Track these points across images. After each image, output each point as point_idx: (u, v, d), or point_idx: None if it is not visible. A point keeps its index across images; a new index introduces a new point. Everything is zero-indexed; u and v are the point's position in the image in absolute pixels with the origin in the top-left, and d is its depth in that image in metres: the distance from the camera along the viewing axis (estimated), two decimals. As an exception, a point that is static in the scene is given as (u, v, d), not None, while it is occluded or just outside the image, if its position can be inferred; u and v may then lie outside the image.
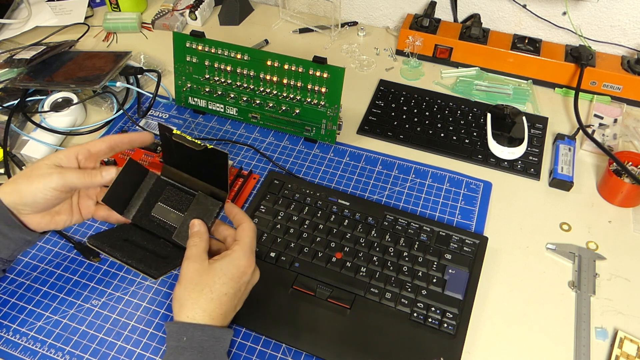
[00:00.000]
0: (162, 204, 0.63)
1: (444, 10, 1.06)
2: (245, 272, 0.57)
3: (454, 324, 0.63)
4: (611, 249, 0.72)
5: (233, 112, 0.89)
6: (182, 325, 0.54)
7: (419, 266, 0.68)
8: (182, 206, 0.63)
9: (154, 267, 0.58)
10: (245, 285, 0.59)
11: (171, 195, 0.63)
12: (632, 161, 0.78)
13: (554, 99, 0.95)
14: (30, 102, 0.90)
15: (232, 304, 0.57)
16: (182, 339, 0.53)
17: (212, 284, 0.55)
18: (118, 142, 0.63)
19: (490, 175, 0.82)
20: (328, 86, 0.80)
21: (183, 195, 0.63)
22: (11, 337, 0.64)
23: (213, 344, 0.54)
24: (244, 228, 0.59)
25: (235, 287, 0.57)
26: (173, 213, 0.62)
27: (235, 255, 0.57)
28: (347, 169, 0.83)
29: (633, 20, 0.94)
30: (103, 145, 0.62)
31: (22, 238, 0.60)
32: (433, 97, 0.94)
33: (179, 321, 0.54)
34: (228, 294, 0.56)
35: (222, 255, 0.58)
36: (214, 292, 0.55)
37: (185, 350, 0.53)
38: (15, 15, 1.09)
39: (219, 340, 0.55)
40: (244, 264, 0.57)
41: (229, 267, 0.56)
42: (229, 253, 0.58)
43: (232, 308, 0.57)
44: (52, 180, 0.57)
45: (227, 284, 0.56)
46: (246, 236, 0.59)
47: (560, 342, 0.64)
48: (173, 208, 0.63)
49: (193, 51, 0.86)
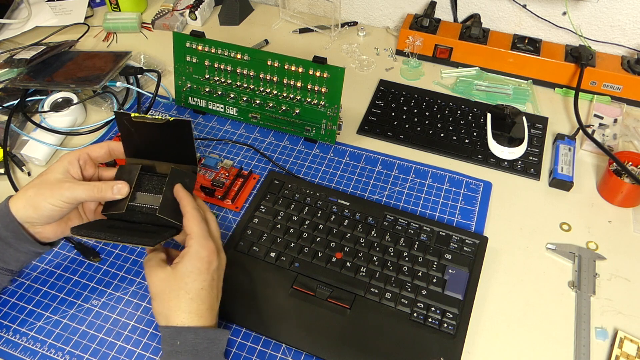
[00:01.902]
0: (138, 191, 0.62)
1: (444, 10, 1.06)
2: (210, 261, 0.57)
3: (454, 324, 0.63)
4: (611, 249, 0.72)
5: (233, 112, 0.89)
6: (175, 329, 0.54)
7: (419, 266, 0.68)
8: (157, 188, 0.62)
9: (147, 237, 0.57)
10: (216, 272, 0.58)
11: (143, 182, 0.63)
12: (632, 161, 0.78)
13: (554, 99, 0.95)
14: (30, 102, 0.90)
15: (211, 295, 0.57)
16: (176, 343, 0.54)
17: (184, 285, 0.55)
18: (115, 148, 0.64)
19: (490, 175, 0.82)
20: (328, 86, 0.80)
21: (155, 179, 0.63)
22: (11, 337, 0.64)
23: (207, 346, 0.54)
24: (188, 219, 0.59)
25: (208, 278, 0.57)
26: (149, 196, 0.62)
27: (193, 250, 0.57)
28: (347, 169, 0.83)
29: (633, 20, 0.94)
30: (102, 151, 0.64)
31: (32, 251, 0.61)
32: (433, 97, 0.94)
33: (172, 325, 0.55)
34: (204, 288, 0.56)
35: (182, 255, 0.58)
36: (190, 292, 0.55)
37: (179, 354, 0.53)
38: (15, 15, 1.09)
39: (213, 341, 0.55)
40: (205, 254, 0.57)
41: (192, 262, 0.56)
42: (186, 250, 0.57)
43: (214, 299, 0.58)
44: (63, 194, 0.58)
45: (198, 279, 0.56)
46: (194, 226, 0.58)
47: (560, 342, 0.64)
48: (148, 192, 0.62)
49: (193, 51, 0.86)
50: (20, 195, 0.59)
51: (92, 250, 0.72)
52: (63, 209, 0.59)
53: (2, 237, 0.59)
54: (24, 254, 0.61)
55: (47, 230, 0.61)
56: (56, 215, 0.60)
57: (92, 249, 0.72)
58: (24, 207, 0.59)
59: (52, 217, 0.60)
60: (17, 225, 0.59)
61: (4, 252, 0.60)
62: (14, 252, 0.60)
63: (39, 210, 0.58)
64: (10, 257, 0.60)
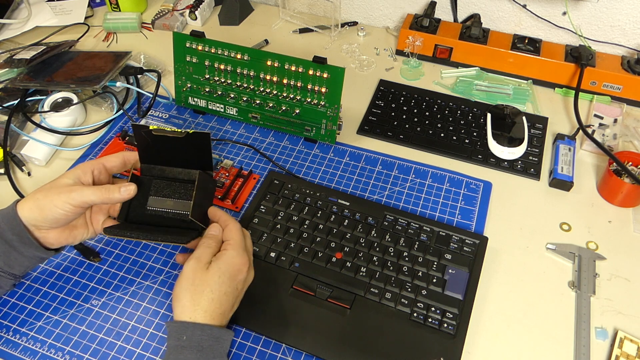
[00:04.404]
0: (155, 196, 0.65)
1: (444, 10, 1.06)
2: (240, 270, 0.59)
3: (454, 324, 0.63)
4: (611, 249, 0.72)
5: (233, 112, 0.89)
6: (182, 324, 0.55)
7: (419, 266, 0.68)
8: (175, 193, 0.65)
9: (177, 236, 0.61)
10: (242, 284, 0.60)
11: (160, 188, 0.65)
12: (632, 161, 0.78)
13: (554, 99, 0.95)
14: (30, 102, 0.90)
15: (230, 303, 0.58)
16: (182, 337, 0.54)
17: (213, 284, 0.56)
18: (130, 157, 0.65)
19: (490, 175, 0.82)
20: (328, 86, 0.80)
21: (172, 184, 0.65)
22: (11, 337, 0.64)
23: (212, 344, 0.55)
24: (231, 229, 0.61)
25: (233, 285, 0.58)
26: (169, 201, 0.64)
27: (229, 254, 0.59)
28: (347, 169, 0.83)
29: (633, 20, 0.94)
30: (117, 161, 0.65)
31: (36, 255, 0.62)
32: (433, 97, 0.94)
33: (179, 320, 0.55)
34: (227, 293, 0.57)
35: (217, 257, 0.59)
36: (214, 292, 0.56)
37: (184, 349, 0.54)
38: (15, 15, 1.09)
39: (219, 340, 0.55)
40: (239, 262, 0.59)
41: (225, 265, 0.58)
42: (223, 253, 0.59)
43: (229, 307, 0.58)
44: (71, 196, 0.59)
45: (226, 282, 0.57)
46: (236, 235, 0.61)
47: (560, 342, 0.64)
48: (167, 197, 0.65)
49: (193, 51, 0.86)
50: (29, 199, 0.60)
51: (92, 250, 0.72)
52: (69, 212, 0.59)
53: (8, 240, 0.59)
54: (28, 258, 0.61)
55: (52, 235, 0.61)
56: (62, 219, 0.60)
57: (92, 249, 0.72)
58: (30, 210, 0.59)
59: (58, 220, 0.60)
60: (23, 228, 0.59)
61: (9, 255, 0.60)
62: (18, 256, 0.60)
63: (45, 212, 0.59)
64: (14, 261, 0.60)
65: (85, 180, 0.62)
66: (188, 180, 0.66)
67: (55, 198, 0.59)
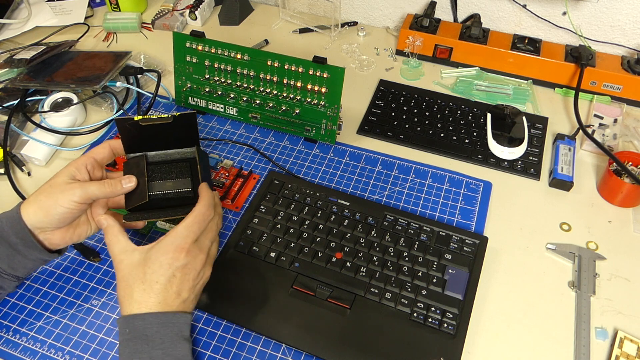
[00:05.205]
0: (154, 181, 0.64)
1: (444, 10, 1.06)
2: (175, 257, 0.56)
3: (454, 324, 0.63)
4: (611, 249, 0.72)
5: (233, 112, 0.89)
6: (124, 318, 0.55)
7: (419, 266, 0.68)
8: (171, 174, 0.65)
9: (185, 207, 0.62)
10: (181, 270, 0.56)
11: (155, 170, 0.65)
12: (632, 161, 0.78)
13: (554, 99, 0.95)
14: (30, 102, 0.90)
15: (169, 291, 0.56)
16: (126, 331, 0.54)
17: (143, 275, 0.55)
18: (116, 145, 0.65)
19: (490, 175, 0.82)
20: (328, 86, 0.80)
21: (165, 166, 0.65)
22: (11, 337, 0.64)
23: (158, 330, 0.54)
24: (189, 216, 0.59)
25: (167, 273, 0.55)
26: (168, 182, 0.64)
27: (162, 243, 0.57)
28: (347, 169, 0.83)
29: (633, 20, 0.94)
30: (105, 151, 0.64)
31: (39, 258, 0.62)
32: (433, 97, 0.94)
33: (123, 315, 0.55)
34: (159, 282, 0.55)
35: (154, 243, 0.57)
36: (145, 283, 0.55)
37: (130, 341, 0.53)
38: (15, 15, 1.09)
39: (165, 325, 0.54)
40: (172, 249, 0.56)
41: (157, 254, 0.56)
42: (159, 240, 0.57)
43: (172, 295, 0.56)
44: (75, 193, 0.59)
45: (157, 271, 0.55)
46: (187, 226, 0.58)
47: (560, 342, 0.64)
48: (165, 179, 0.64)
49: (193, 51, 0.86)
50: (32, 201, 0.60)
51: (92, 250, 0.72)
52: (74, 210, 0.59)
53: (12, 243, 0.59)
54: (32, 261, 0.61)
55: (56, 236, 0.61)
56: (67, 218, 0.60)
57: (92, 249, 0.72)
58: (34, 212, 0.59)
59: (64, 220, 0.60)
60: (27, 232, 0.59)
61: (13, 258, 0.60)
62: (22, 259, 0.60)
63: (51, 213, 0.59)
64: (18, 264, 0.60)
65: (81, 177, 0.61)
66: (180, 159, 0.66)
67: (60, 197, 0.58)
